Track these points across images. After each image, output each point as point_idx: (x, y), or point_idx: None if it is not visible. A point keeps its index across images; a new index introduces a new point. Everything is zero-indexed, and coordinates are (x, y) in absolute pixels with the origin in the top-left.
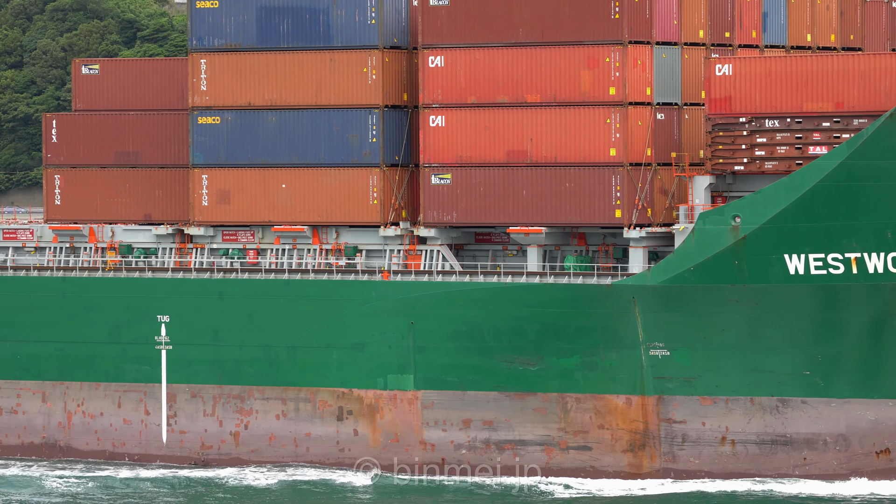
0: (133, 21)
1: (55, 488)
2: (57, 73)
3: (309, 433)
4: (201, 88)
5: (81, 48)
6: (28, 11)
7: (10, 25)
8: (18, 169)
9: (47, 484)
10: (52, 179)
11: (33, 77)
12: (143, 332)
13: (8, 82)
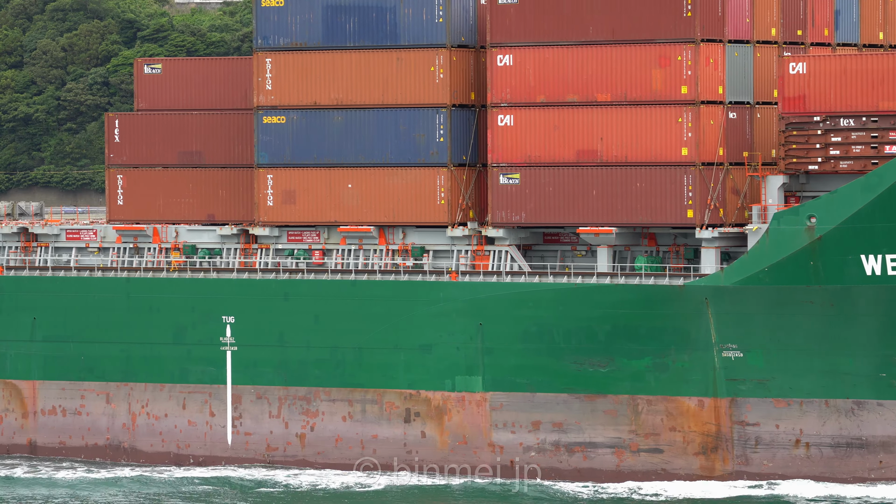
0: (133, 21)
1: (120, 490)
2: (57, 73)
3: (376, 435)
4: (266, 88)
5: (81, 48)
6: (28, 11)
7: (10, 25)
8: (18, 169)
9: (111, 486)
10: (114, 179)
11: (33, 77)
12: (208, 333)
13: (8, 82)
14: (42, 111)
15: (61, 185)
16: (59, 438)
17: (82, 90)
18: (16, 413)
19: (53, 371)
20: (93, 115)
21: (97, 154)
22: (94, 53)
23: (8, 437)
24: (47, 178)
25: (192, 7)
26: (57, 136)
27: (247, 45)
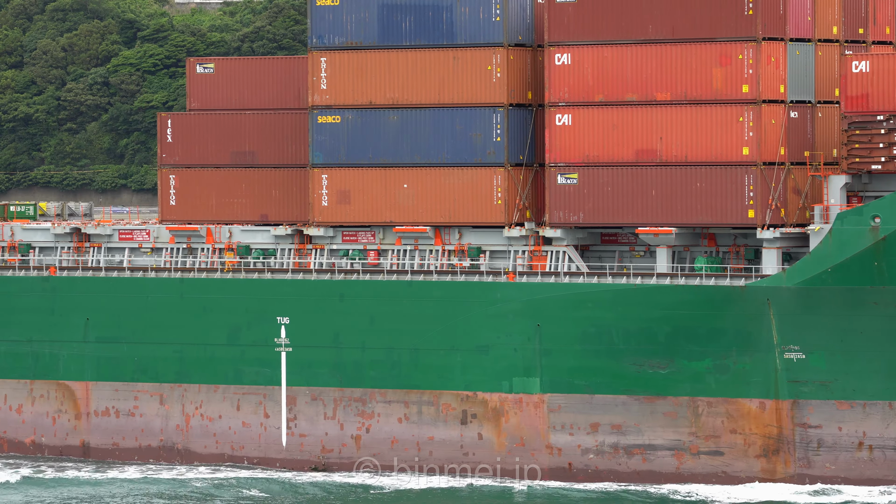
0: (133, 21)
1: (175, 491)
2: (57, 73)
3: (432, 437)
4: (321, 87)
5: (81, 48)
6: (28, 11)
7: (10, 25)
8: (18, 169)
9: (165, 487)
10: (166, 179)
11: (33, 77)
12: (263, 334)
13: (8, 82)
14: (42, 111)
15: (61, 185)
16: (113, 440)
17: (82, 90)
18: (69, 414)
19: (107, 372)
20: (93, 115)
21: (97, 154)
22: (94, 53)
23: (61, 438)
24: (47, 178)
25: (192, 7)
26: (57, 136)
27: (246, 45)
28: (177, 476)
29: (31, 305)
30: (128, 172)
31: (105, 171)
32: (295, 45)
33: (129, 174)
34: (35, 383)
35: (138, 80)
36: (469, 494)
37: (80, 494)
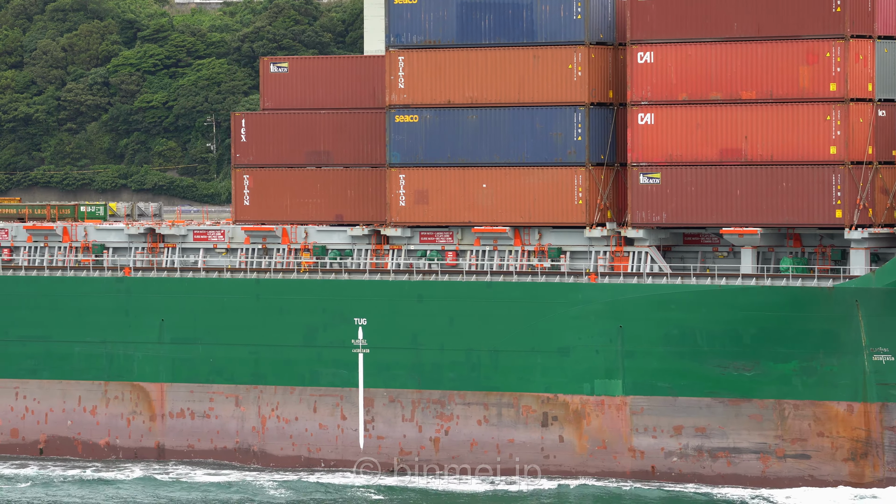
0: (133, 21)
1: (249, 495)
2: (57, 73)
3: (512, 439)
4: (399, 86)
5: (81, 48)
6: (28, 11)
7: (10, 25)
8: (18, 169)
9: (237, 491)
10: (240, 180)
11: (33, 77)
12: (340, 336)
13: (8, 82)
14: (42, 111)
15: (61, 185)
16: (188, 442)
17: (82, 90)
18: (143, 416)
19: (182, 373)
20: (93, 115)
21: (97, 154)
22: (94, 54)
23: (136, 440)
24: (47, 178)
25: (192, 7)
26: (57, 136)
27: (246, 45)
28: (253, 481)
29: (106, 306)
30: (128, 172)
31: (105, 171)
32: (295, 45)
33: (129, 174)
34: (109, 385)
35: (138, 81)
36: (554, 497)
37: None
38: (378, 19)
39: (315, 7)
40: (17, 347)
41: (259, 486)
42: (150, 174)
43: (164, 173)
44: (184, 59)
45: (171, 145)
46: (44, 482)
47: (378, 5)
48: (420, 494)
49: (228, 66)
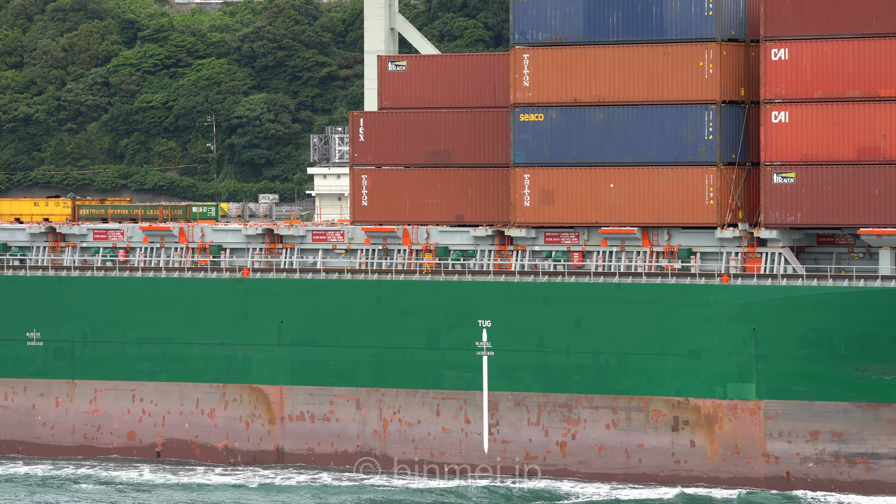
0: (133, 21)
1: (373, 499)
2: (57, 73)
3: (641, 444)
4: (524, 84)
5: (81, 48)
6: (28, 11)
7: (10, 25)
8: (19, 169)
9: (364, 495)
10: (359, 180)
11: (33, 77)
12: (463, 338)
13: (8, 82)
14: (42, 111)
15: (61, 185)
16: (308, 445)
17: (82, 90)
18: (262, 419)
19: (302, 376)
20: (93, 115)
21: (97, 154)
22: (94, 54)
23: (255, 443)
24: (47, 178)
25: (192, 7)
26: (57, 137)
27: (246, 45)
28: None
29: (224, 307)
30: (128, 172)
31: (105, 171)
32: (295, 45)
33: (130, 174)
34: (228, 387)
35: (138, 81)
36: None
37: None
38: (378, 19)
39: (315, 7)
40: (133, 349)
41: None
42: (150, 174)
43: (164, 173)
44: (184, 59)
45: (171, 145)
46: (169, 486)
47: (378, 5)
48: (547, 501)
49: (228, 66)
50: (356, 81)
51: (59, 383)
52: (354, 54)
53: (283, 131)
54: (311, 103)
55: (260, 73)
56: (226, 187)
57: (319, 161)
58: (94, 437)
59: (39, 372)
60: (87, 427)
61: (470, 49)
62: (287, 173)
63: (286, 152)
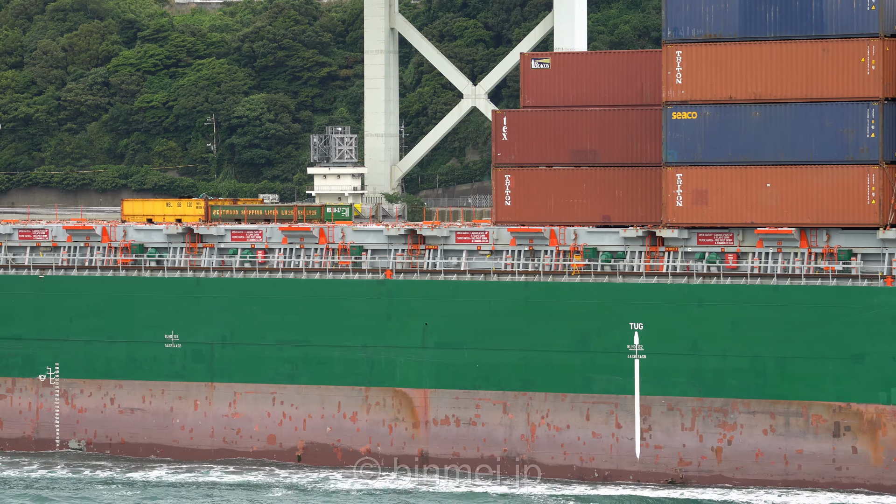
0: (133, 21)
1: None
2: (57, 73)
3: (801, 450)
4: (676, 82)
5: (81, 48)
6: (28, 11)
7: (10, 25)
8: (18, 169)
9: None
10: (501, 179)
11: (33, 77)
12: (614, 341)
13: (8, 82)
14: (42, 111)
15: (61, 185)
16: (453, 449)
17: (82, 90)
18: (406, 423)
19: (446, 379)
20: (93, 115)
21: (97, 154)
22: (94, 53)
23: (398, 447)
24: (47, 178)
25: (192, 7)
26: (57, 136)
27: (246, 45)
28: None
29: (366, 309)
30: (128, 172)
31: (105, 171)
32: (295, 45)
33: (129, 174)
34: (370, 390)
35: (138, 80)
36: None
37: None
38: (378, 19)
39: (315, 7)
40: (273, 352)
41: None
42: (150, 174)
43: (164, 173)
44: (184, 59)
45: (171, 145)
46: (308, 490)
47: (378, 5)
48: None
49: (228, 66)
50: (356, 81)
51: (197, 386)
52: (354, 54)
53: (283, 131)
54: (311, 103)
55: (260, 73)
56: (226, 187)
57: (319, 161)
58: (233, 440)
59: (178, 374)
60: (227, 430)
61: (470, 49)
62: (287, 173)
63: (286, 152)
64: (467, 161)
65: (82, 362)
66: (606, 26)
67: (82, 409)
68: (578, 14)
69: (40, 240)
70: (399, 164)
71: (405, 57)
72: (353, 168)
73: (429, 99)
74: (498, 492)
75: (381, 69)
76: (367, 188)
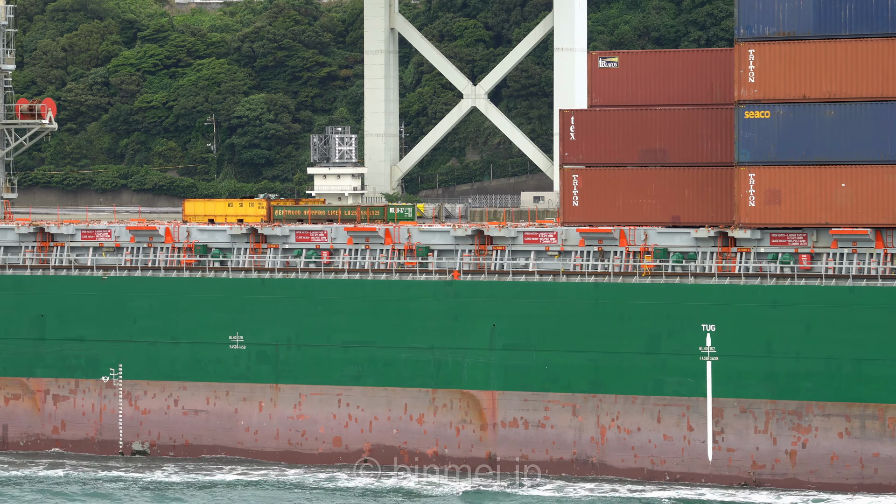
0: (133, 21)
1: None
2: (57, 73)
3: (877, 453)
4: (749, 80)
5: (81, 48)
6: (28, 11)
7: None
8: (18, 169)
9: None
10: (569, 179)
11: (33, 77)
12: (686, 343)
13: None
14: None
15: (61, 185)
16: (521, 452)
17: (82, 90)
18: (473, 425)
19: (514, 381)
20: (93, 115)
21: (97, 154)
22: (94, 54)
23: (465, 450)
24: (47, 178)
25: (192, 7)
26: (57, 137)
27: (246, 45)
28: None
29: (433, 310)
30: (128, 172)
31: (105, 171)
32: (295, 45)
33: (130, 174)
34: (437, 392)
35: (138, 80)
36: None
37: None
38: (378, 19)
39: (315, 7)
40: (339, 353)
41: None
42: (150, 174)
43: (164, 173)
44: (184, 59)
45: (171, 145)
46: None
47: (378, 5)
48: None
49: (228, 66)
50: (356, 81)
51: (262, 388)
52: (354, 54)
53: (283, 131)
54: (311, 103)
55: (260, 73)
56: (226, 187)
57: (319, 161)
58: (298, 442)
59: (242, 376)
60: (292, 432)
61: (470, 49)
62: (287, 173)
63: (286, 152)
64: (467, 161)
65: (146, 363)
66: (606, 26)
67: (146, 410)
68: (578, 14)
69: (103, 240)
70: (399, 164)
71: (405, 57)
72: (353, 168)
73: (429, 99)
74: (578, 495)
75: (381, 69)
76: (366, 188)
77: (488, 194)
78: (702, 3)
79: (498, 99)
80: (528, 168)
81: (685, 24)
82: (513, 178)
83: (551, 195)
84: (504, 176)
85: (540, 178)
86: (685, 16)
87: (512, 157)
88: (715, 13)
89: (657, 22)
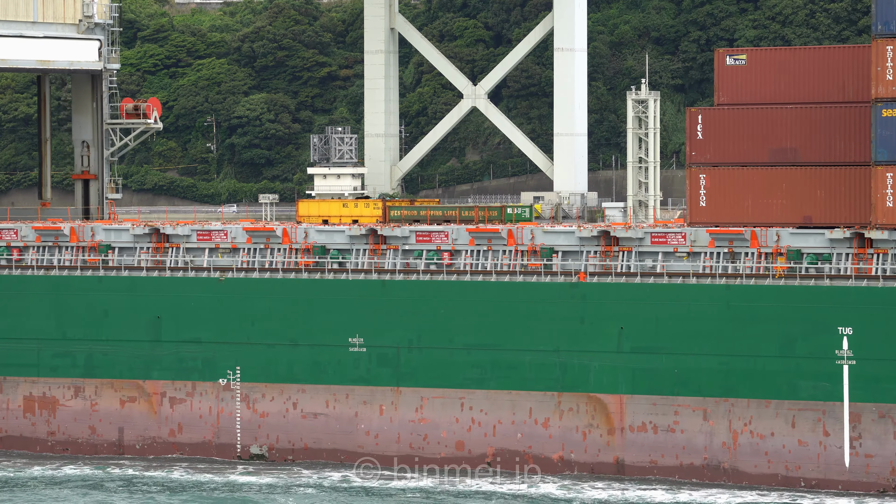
0: (133, 21)
1: None
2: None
3: None
4: (887, 78)
5: None
6: None
7: None
8: (19, 169)
9: None
10: (696, 179)
11: (33, 77)
12: (821, 346)
13: (8, 82)
14: None
15: (61, 185)
16: (650, 457)
17: None
18: (601, 429)
19: (643, 385)
20: None
21: None
22: None
23: (592, 455)
24: None
25: (192, 7)
26: (57, 137)
27: (246, 45)
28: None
29: (559, 313)
30: (128, 172)
31: None
32: (295, 45)
33: (130, 174)
34: (563, 396)
35: (138, 80)
36: None
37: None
38: (378, 19)
39: (315, 7)
40: (462, 356)
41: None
42: (150, 174)
43: (164, 173)
44: (184, 59)
45: (171, 145)
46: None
47: (378, 5)
48: None
49: (228, 66)
50: (356, 81)
51: (382, 391)
52: (354, 54)
53: (283, 131)
54: (311, 103)
55: (260, 73)
56: (226, 187)
57: (319, 161)
58: (419, 446)
59: (362, 379)
60: (413, 436)
61: (470, 49)
62: (287, 173)
63: (286, 152)
64: (467, 161)
65: (264, 366)
66: (606, 26)
67: (264, 413)
68: (578, 14)
69: (219, 241)
70: (399, 165)
71: (405, 57)
72: (353, 168)
73: (429, 99)
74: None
75: (380, 69)
76: (366, 188)
77: (488, 194)
78: (702, 3)
79: (498, 99)
80: (528, 168)
81: (685, 24)
82: (513, 178)
83: (551, 195)
84: (504, 176)
85: (540, 178)
86: (685, 16)
87: (512, 157)
88: (715, 13)
89: (657, 22)
